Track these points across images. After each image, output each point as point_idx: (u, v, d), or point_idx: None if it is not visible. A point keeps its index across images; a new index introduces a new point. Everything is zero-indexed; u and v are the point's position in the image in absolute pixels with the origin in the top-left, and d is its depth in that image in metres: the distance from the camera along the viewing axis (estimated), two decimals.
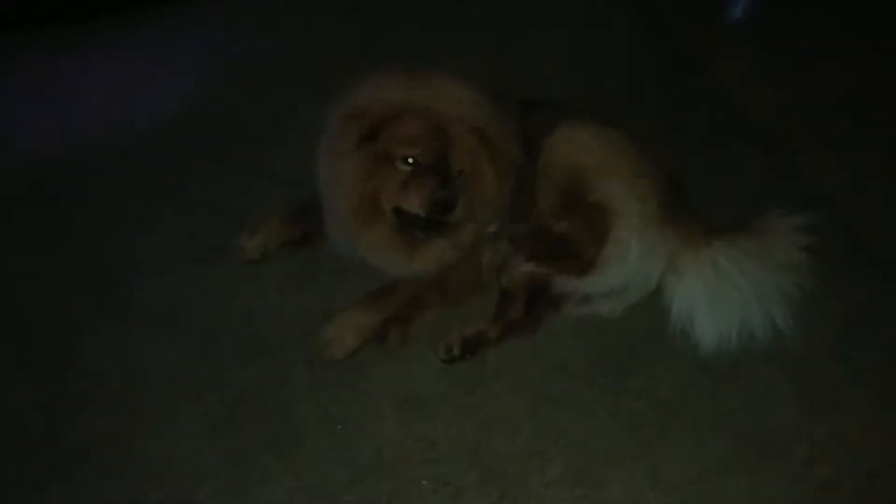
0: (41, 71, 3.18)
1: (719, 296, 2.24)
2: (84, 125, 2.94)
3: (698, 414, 2.14)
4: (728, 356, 2.23)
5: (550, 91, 2.77)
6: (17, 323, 2.36)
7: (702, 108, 3.03)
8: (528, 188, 2.28)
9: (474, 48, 3.21)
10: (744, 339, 2.22)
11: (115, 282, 2.44)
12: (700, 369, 2.22)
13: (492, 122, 2.12)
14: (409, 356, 2.26)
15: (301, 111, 2.92)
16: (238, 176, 2.73)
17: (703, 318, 2.24)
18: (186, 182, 2.72)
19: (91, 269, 2.48)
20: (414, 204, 2.07)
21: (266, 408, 2.16)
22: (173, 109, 2.98)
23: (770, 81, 3.15)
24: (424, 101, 2.07)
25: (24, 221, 2.64)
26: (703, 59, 3.23)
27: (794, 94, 3.09)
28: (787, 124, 2.98)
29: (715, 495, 2.00)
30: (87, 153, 2.82)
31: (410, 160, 2.06)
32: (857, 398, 2.18)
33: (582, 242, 2.24)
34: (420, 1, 3.44)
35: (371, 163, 2.08)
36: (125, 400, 2.18)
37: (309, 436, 2.10)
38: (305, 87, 3.05)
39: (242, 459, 2.06)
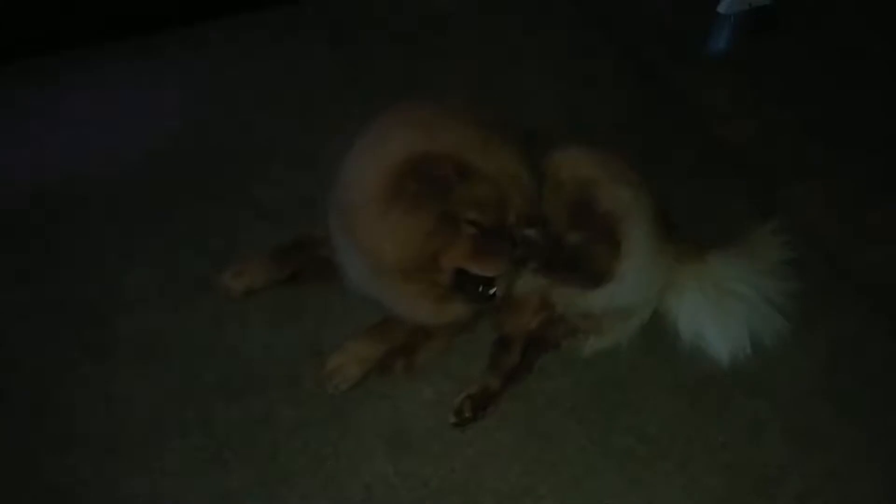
0: (21, 104, 3.14)
1: (724, 307, 2.25)
2: (66, 159, 2.89)
3: (689, 449, 2.14)
4: (716, 390, 2.24)
5: (534, 123, 2.77)
6: None
7: (684, 139, 3.05)
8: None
9: (458, 80, 3.21)
10: (754, 347, 2.24)
11: (97, 318, 2.40)
12: (688, 404, 2.23)
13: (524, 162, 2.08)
14: (397, 392, 2.24)
15: (286, 144, 2.91)
16: (223, 210, 2.70)
17: (712, 332, 2.25)
18: (170, 216, 2.68)
19: (73, 304, 2.43)
20: (490, 268, 2.00)
21: (253, 446, 2.12)
22: (157, 143, 2.94)
23: (751, 113, 3.18)
24: (481, 152, 1.98)
25: (2, 255, 2.58)
26: (686, 91, 3.26)
27: (776, 126, 3.13)
28: (768, 155, 3.01)
29: None
30: (69, 187, 2.77)
31: (474, 223, 1.97)
32: (846, 431, 2.19)
33: (597, 252, 2.18)
34: (402, 34, 3.45)
35: (436, 222, 1.95)
36: (108, 439, 2.14)
37: (297, 474, 2.07)
38: (291, 120, 3.03)
39: (229, 499, 2.02)
